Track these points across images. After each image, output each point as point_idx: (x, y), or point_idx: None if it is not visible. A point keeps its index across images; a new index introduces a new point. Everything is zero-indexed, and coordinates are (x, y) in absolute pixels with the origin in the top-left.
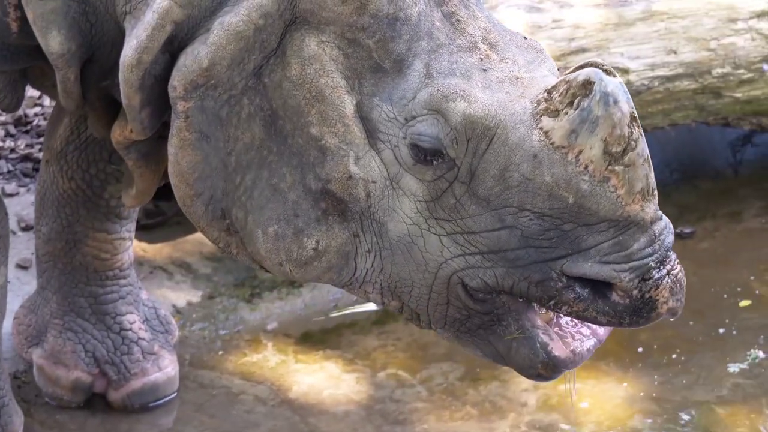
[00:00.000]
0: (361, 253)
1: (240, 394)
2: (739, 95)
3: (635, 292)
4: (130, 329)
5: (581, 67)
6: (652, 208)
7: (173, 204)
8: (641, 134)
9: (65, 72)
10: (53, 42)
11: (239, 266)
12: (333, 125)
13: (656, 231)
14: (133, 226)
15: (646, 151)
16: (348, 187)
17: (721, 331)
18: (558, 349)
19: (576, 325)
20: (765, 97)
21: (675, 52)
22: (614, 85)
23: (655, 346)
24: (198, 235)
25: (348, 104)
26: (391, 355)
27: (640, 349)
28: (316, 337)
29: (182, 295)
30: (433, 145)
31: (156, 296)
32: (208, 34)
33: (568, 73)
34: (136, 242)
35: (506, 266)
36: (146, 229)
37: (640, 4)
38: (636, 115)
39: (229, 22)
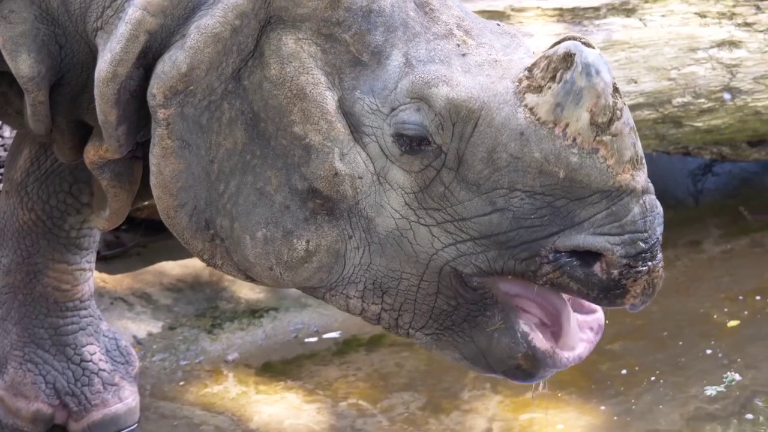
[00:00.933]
0: (351, 249)
1: (201, 424)
2: (699, 124)
3: (615, 272)
4: (91, 360)
5: (559, 42)
6: (642, 176)
7: (133, 235)
8: (625, 104)
9: (35, 95)
10: (23, 65)
11: (200, 297)
12: (316, 122)
13: (648, 203)
14: (93, 257)
15: (632, 121)
16: (334, 185)
17: (682, 359)
18: (539, 341)
19: (559, 336)
20: (725, 126)
21: (635, 82)
22: (595, 56)
23: (617, 375)
24: (158, 266)
25: (330, 100)
26: (352, 385)
27: (629, 373)
28: (277, 367)
29: (143, 326)
30: (418, 132)
31: (116, 327)
32: (184, 39)
33: (547, 50)
34: (96, 273)
35: (498, 249)
36: (106, 260)
37: (600, 33)
38: (617, 86)
39: (205, 24)
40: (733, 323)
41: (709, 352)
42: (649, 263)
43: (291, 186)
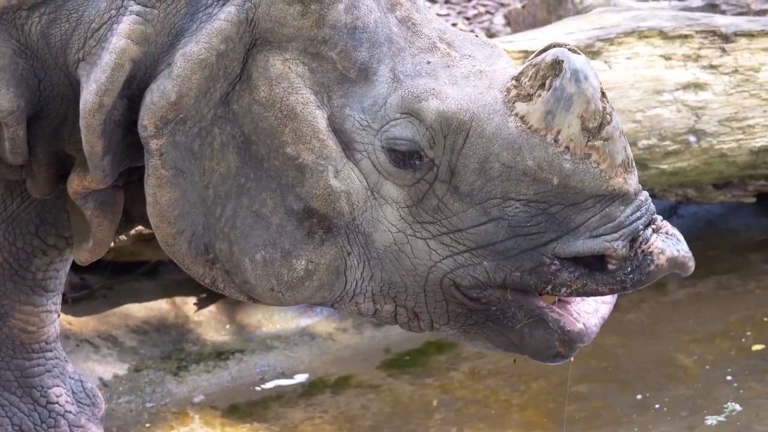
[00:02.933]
0: (351, 266)
1: None
2: (665, 167)
3: (631, 253)
4: (57, 402)
5: (544, 49)
6: (634, 179)
7: (99, 277)
8: (613, 108)
9: (15, 129)
10: (3, 100)
11: (165, 339)
12: (308, 142)
13: (641, 200)
14: (59, 299)
15: (620, 124)
16: (330, 202)
17: (647, 402)
18: (570, 323)
19: (578, 303)
20: (691, 168)
21: None
22: (582, 61)
23: (582, 417)
24: (124, 308)
25: (320, 119)
26: (318, 428)
27: (594, 415)
28: (243, 409)
29: (108, 368)
30: (409, 147)
31: (82, 369)
32: (171, 68)
33: (533, 58)
34: (62, 315)
35: (496, 260)
36: (72, 303)
37: None
38: (604, 90)
39: (191, 51)
40: (758, 347)
41: (674, 394)
42: (653, 226)
43: (287, 206)
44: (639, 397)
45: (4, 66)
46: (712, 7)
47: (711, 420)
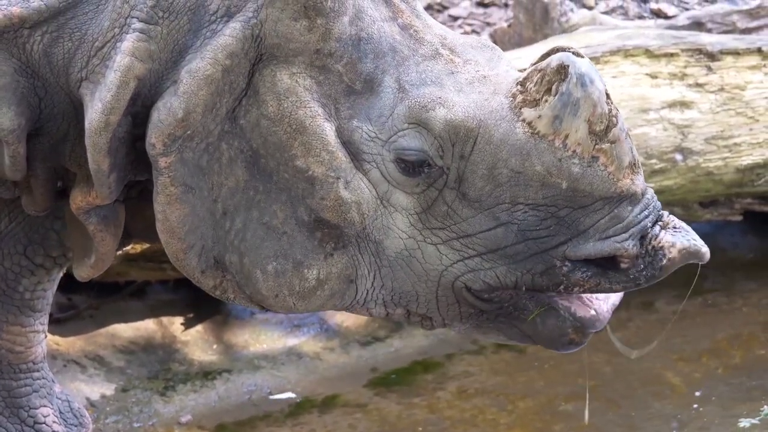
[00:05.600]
0: (361, 275)
1: None
2: (651, 185)
3: (642, 251)
4: (44, 423)
5: (548, 54)
6: (640, 179)
7: (86, 297)
8: (618, 109)
9: (15, 147)
10: (4, 119)
11: (152, 359)
12: (318, 154)
13: (648, 198)
14: (46, 319)
15: (625, 125)
16: (341, 213)
17: (635, 420)
18: (582, 310)
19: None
20: (677, 187)
21: None
22: (587, 65)
23: None
24: (111, 328)
25: (329, 131)
26: None
27: None
28: (230, 429)
29: (96, 388)
30: (418, 157)
31: (69, 389)
32: (177, 85)
33: (537, 62)
34: (49, 336)
35: (507, 263)
36: (59, 323)
37: None
38: (608, 91)
39: (197, 68)
40: None
41: (661, 412)
42: (661, 222)
43: (297, 218)
44: (626, 415)
45: (5, 85)
46: (698, 26)
47: (745, 422)
